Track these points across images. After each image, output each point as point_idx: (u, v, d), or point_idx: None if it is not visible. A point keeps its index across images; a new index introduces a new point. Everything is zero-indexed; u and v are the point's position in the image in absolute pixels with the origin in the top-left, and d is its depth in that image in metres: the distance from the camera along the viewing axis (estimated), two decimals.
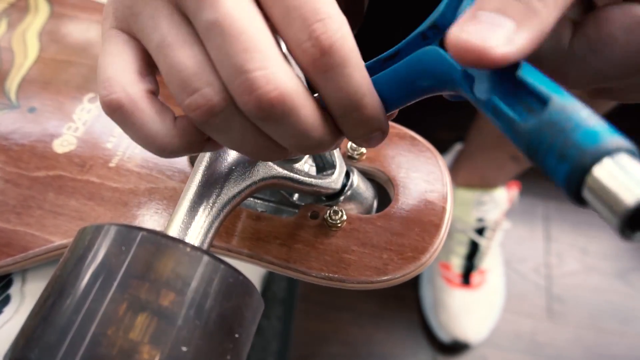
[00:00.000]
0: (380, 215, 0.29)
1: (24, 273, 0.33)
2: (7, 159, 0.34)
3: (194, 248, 0.21)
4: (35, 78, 0.39)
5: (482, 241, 0.91)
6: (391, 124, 0.31)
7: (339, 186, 0.29)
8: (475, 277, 0.92)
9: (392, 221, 0.29)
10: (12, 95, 0.38)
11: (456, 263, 0.92)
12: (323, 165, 0.29)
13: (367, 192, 0.31)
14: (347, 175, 0.30)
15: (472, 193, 0.91)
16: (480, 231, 0.92)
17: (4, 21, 0.42)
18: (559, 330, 0.94)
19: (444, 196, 0.30)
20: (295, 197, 0.31)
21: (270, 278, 0.59)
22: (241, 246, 0.29)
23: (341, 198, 0.30)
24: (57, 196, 0.33)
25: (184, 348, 0.19)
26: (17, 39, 0.41)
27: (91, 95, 0.37)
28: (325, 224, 0.29)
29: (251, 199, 0.31)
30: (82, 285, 0.20)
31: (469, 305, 0.91)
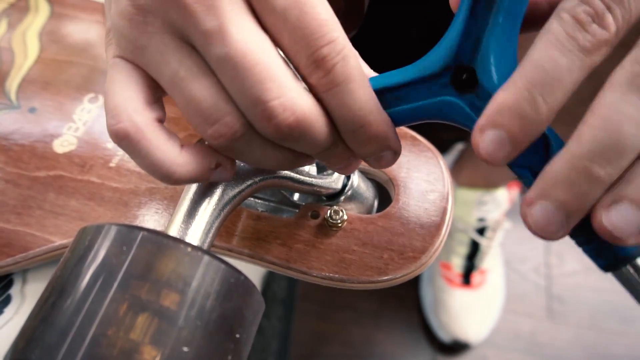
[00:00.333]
0: (380, 215, 0.29)
1: (24, 273, 0.33)
2: (8, 159, 0.34)
3: (195, 248, 0.21)
4: (35, 78, 0.39)
5: (483, 241, 0.91)
6: None
7: (340, 186, 0.29)
8: (475, 277, 0.92)
9: (393, 221, 0.29)
10: (13, 95, 0.38)
11: (457, 263, 0.92)
12: (324, 165, 0.29)
13: (368, 192, 0.31)
14: (348, 175, 0.30)
15: (474, 193, 0.91)
16: (481, 231, 0.92)
17: (4, 21, 0.42)
18: (559, 330, 0.94)
19: (444, 196, 0.30)
20: (296, 197, 0.31)
21: (270, 278, 0.59)
22: (242, 246, 0.29)
23: (342, 198, 0.30)
24: (58, 196, 0.33)
25: (184, 348, 0.19)
26: (17, 39, 0.41)
27: (91, 95, 0.37)
28: (326, 223, 0.29)
29: (252, 199, 0.31)
30: (83, 285, 0.20)
31: (470, 305, 0.90)
